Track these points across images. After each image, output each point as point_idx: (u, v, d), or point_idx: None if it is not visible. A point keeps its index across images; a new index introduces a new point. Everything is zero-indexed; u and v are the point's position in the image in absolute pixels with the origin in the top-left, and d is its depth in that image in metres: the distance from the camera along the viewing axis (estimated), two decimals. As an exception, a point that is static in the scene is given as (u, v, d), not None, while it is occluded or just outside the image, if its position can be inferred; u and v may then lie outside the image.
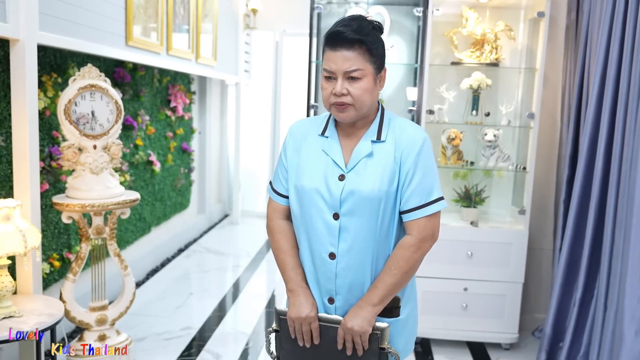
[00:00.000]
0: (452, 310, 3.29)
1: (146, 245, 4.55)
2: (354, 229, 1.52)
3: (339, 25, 1.48)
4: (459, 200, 3.44)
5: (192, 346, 3.29)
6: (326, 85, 1.50)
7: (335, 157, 1.54)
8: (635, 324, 2.37)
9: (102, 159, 2.73)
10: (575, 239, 2.89)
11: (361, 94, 1.47)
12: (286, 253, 1.61)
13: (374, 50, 1.49)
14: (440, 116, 3.35)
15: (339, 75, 1.46)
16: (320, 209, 1.53)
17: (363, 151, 1.53)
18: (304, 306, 1.52)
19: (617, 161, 2.56)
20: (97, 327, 2.80)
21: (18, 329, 2.15)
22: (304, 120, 1.67)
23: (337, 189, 1.52)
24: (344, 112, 1.49)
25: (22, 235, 2.19)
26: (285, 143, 1.65)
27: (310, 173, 1.56)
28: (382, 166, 1.52)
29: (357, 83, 1.46)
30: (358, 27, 1.46)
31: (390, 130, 1.55)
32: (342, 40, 1.45)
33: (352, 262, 1.54)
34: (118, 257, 2.86)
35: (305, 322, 1.51)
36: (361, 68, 1.46)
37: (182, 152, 5.21)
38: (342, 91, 1.46)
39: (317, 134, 1.60)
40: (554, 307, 2.95)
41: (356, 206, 1.51)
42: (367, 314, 1.51)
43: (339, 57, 1.45)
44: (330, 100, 1.50)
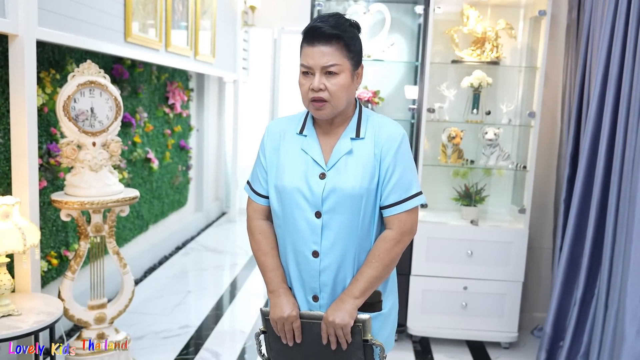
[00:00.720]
0: (452, 309, 3.29)
1: (144, 243, 4.53)
2: (336, 226, 1.54)
3: (317, 21, 1.48)
4: (459, 199, 3.43)
5: (190, 345, 3.28)
6: (304, 81, 1.51)
7: (315, 156, 1.54)
8: (636, 323, 2.37)
9: (101, 156, 2.71)
10: (576, 238, 2.89)
11: (338, 90, 1.47)
12: (267, 254, 1.61)
13: (352, 47, 1.49)
14: (441, 114, 3.34)
15: (317, 70, 1.47)
16: (302, 208, 1.54)
17: (343, 149, 1.54)
18: (285, 306, 1.54)
19: (619, 160, 2.56)
20: (96, 326, 2.78)
21: (17, 328, 2.13)
22: (281, 119, 1.66)
23: (319, 187, 1.52)
24: (322, 110, 1.50)
25: (22, 233, 2.17)
26: (262, 142, 1.64)
27: (290, 173, 1.56)
28: (363, 163, 1.53)
29: (334, 78, 1.47)
30: (336, 23, 1.46)
31: (369, 126, 1.56)
32: (319, 36, 1.45)
33: (335, 259, 1.56)
34: (117, 255, 2.84)
35: (287, 321, 1.53)
36: (338, 63, 1.46)
37: (180, 150, 5.19)
38: (320, 86, 1.46)
39: (295, 133, 1.59)
40: (554, 306, 2.95)
41: (338, 204, 1.52)
42: (348, 306, 1.52)
43: (317, 52, 1.46)
44: (309, 96, 1.50)
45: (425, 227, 3.24)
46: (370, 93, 3.37)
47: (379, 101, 3.40)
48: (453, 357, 3.24)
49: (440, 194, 3.55)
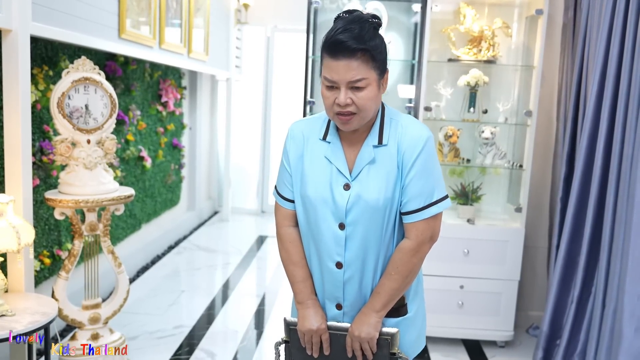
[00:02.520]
0: (448, 308, 3.28)
1: (137, 242, 4.48)
2: (359, 237, 1.50)
3: (339, 32, 1.38)
4: (456, 198, 3.43)
5: (185, 345, 3.25)
6: (328, 94, 1.42)
7: (339, 166, 1.49)
8: (635, 321, 2.37)
9: (96, 154, 2.67)
10: (574, 237, 2.89)
11: (366, 103, 1.40)
12: (296, 264, 1.58)
13: (377, 56, 1.40)
14: (438, 113, 3.33)
15: (342, 85, 1.39)
16: (326, 219, 1.50)
17: (365, 158, 1.48)
18: (314, 319, 1.52)
19: (616, 158, 2.56)
20: (90, 326, 2.74)
21: (11, 329, 2.09)
22: (303, 122, 1.59)
23: (343, 198, 1.48)
24: (349, 123, 1.43)
25: (16, 232, 2.13)
26: (286, 147, 1.58)
27: (315, 182, 1.51)
28: (386, 172, 1.47)
29: (361, 92, 1.39)
30: (359, 33, 1.37)
31: (392, 131, 1.49)
32: (344, 50, 1.36)
33: (359, 269, 1.53)
34: (112, 254, 2.81)
35: (316, 334, 1.52)
36: (365, 77, 1.38)
37: (172, 148, 5.14)
38: (347, 101, 1.39)
39: (319, 138, 1.53)
40: (551, 304, 2.96)
41: (361, 215, 1.48)
42: (372, 320, 1.51)
43: (342, 66, 1.37)
44: (334, 110, 1.42)
45: (422, 226, 3.23)
46: (366, 91, 3.36)
47: (376, 100, 3.39)
48: (449, 356, 3.24)
49: (436, 192, 3.53)
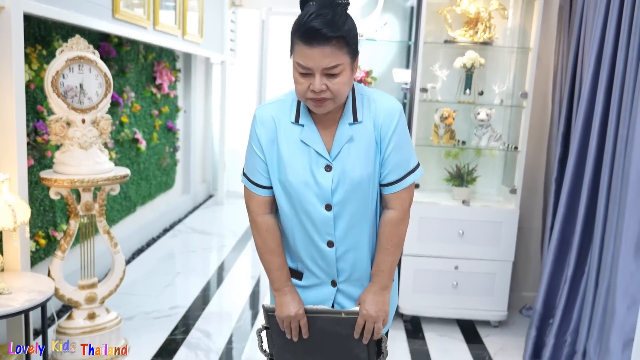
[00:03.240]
0: (443, 289, 3.31)
1: (132, 225, 4.48)
2: (347, 215, 1.51)
3: (312, 18, 1.34)
4: (451, 180, 3.44)
5: (181, 325, 3.26)
6: (302, 80, 1.40)
7: (317, 148, 1.47)
8: (627, 299, 2.40)
9: (91, 134, 2.66)
10: (568, 217, 2.92)
11: (340, 88, 1.39)
12: (273, 253, 1.57)
13: (351, 41, 1.38)
14: (433, 95, 3.33)
15: (316, 71, 1.37)
16: (311, 202, 1.49)
17: (344, 137, 1.47)
18: (292, 305, 1.53)
19: (611, 139, 2.58)
20: (87, 306, 2.75)
21: (8, 306, 2.09)
22: (269, 105, 1.54)
23: (326, 180, 1.47)
24: (323, 106, 1.42)
25: (12, 210, 2.12)
26: (255, 132, 1.52)
27: (294, 167, 1.48)
28: (365, 148, 1.48)
29: (336, 78, 1.38)
30: (332, 18, 1.34)
31: (365, 107, 1.49)
32: (319, 37, 1.33)
33: (351, 245, 1.54)
34: (108, 234, 2.80)
35: (294, 319, 1.53)
36: (340, 63, 1.36)
37: (167, 131, 5.12)
38: (322, 87, 1.37)
39: (290, 121, 1.49)
40: (545, 284, 2.99)
41: (347, 194, 1.48)
42: (385, 298, 1.54)
43: (316, 54, 1.34)
44: (307, 95, 1.40)
45: (417, 207, 3.23)
46: (362, 73, 3.35)
47: (372, 81, 3.38)
48: (444, 335, 3.27)
49: (431, 174, 3.55)
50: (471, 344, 3.19)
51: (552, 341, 2.90)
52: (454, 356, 3.04)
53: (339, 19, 1.35)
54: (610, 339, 2.47)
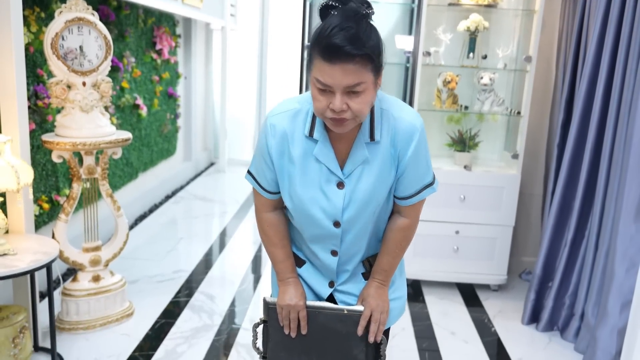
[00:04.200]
0: (444, 253, 3.34)
1: (134, 191, 4.50)
2: (355, 229, 1.48)
3: (333, 33, 1.22)
4: (453, 145, 3.44)
5: (184, 288, 3.30)
6: (321, 98, 1.28)
7: (330, 165, 1.40)
8: (626, 261, 2.43)
9: (91, 97, 2.64)
10: (569, 181, 2.92)
11: (362, 108, 1.28)
12: (276, 246, 1.54)
13: (375, 56, 1.26)
14: (436, 59, 3.30)
15: (337, 90, 1.25)
16: (320, 219, 1.44)
17: (359, 157, 1.39)
18: (294, 294, 1.50)
19: (615, 103, 2.56)
20: (91, 268, 2.78)
21: (14, 266, 2.12)
22: (284, 116, 1.42)
23: (338, 197, 1.42)
24: (342, 126, 1.31)
25: (15, 172, 2.13)
26: (266, 140, 1.43)
27: (305, 183, 1.42)
28: (380, 168, 1.41)
29: (358, 97, 1.26)
30: (356, 34, 1.22)
31: (384, 123, 1.39)
32: (341, 55, 1.21)
33: (355, 253, 1.53)
34: (110, 197, 2.82)
35: (294, 309, 1.49)
36: (363, 81, 1.25)
37: (168, 97, 5.09)
38: (342, 107, 1.26)
39: (304, 134, 1.40)
40: (545, 247, 3.01)
41: (358, 212, 1.44)
42: (385, 293, 1.53)
43: (338, 71, 1.23)
44: (327, 114, 1.30)
45: (418, 172, 3.25)
46: (365, 36, 3.31)
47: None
48: (444, 298, 3.32)
49: (433, 139, 3.54)
50: (471, 307, 3.24)
51: (551, 304, 2.94)
52: (453, 318, 3.08)
53: (363, 33, 1.22)
54: (609, 301, 2.50)
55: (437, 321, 3.04)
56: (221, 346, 2.69)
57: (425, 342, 2.83)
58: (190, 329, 2.84)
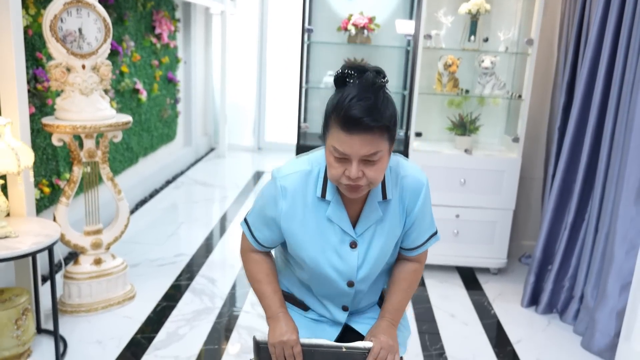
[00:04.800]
0: (444, 237, 3.35)
1: (134, 176, 4.50)
2: (367, 285, 1.49)
3: (352, 104, 1.23)
4: (453, 129, 3.43)
5: (185, 272, 3.32)
6: (337, 165, 1.29)
7: (343, 226, 1.41)
8: (626, 244, 2.44)
9: (91, 80, 2.63)
10: (570, 165, 2.92)
11: (378, 175, 1.30)
12: (260, 282, 1.51)
13: (392, 125, 1.28)
14: (437, 42, 3.28)
15: (354, 159, 1.27)
16: (334, 279, 1.44)
17: (372, 216, 1.41)
18: (285, 329, 1.41)
19: (617, 85, 2.55)
20: (93, 251, 2.79)
21: (15, 248, 2.12)
22: (294, 177, 1.41)
23: (352, 257, 1.42)
24: (357, 192, 1.33)
25: (15, 154, 2.13)
26: (275, 202, 1.42)
27: (317, 244, 1.42)
28: (392, 226, 1.43)
29: (374, 165, 1.28)
30: (375, 105, 1.23)
31: (393, 181, 1.42)
32: (360, 126, 1.23)
33: (364, 304, 1.56)
34: (111, 181, 2.82)
35: (287, 345, 1.39)
36: (380, 150, 1.27)
37: (167, 82, 5.07)
38: (358, 174, 1.28)
39: (316, 196, 1.40)
40: (545, 231, 3.02)
41: (372, 271, 1.45)
42: (394, 332, 1.47)
43: (356, 141, 1.24)
44: (342, 181, 1.31)
45: (419, 156, 3.25)
46: (366, 19, 3.29)
47: (375, 28, 3.33)
48: (444, 282, 3.33)
49: (434, 123, 3.54)
50: (471, 290, 3.25)
51: (550, 287, 2.95)
52: (453, 301, 3.10)
53: (381, 104, 1.24)
54: (608, 283, 2.51)
55: (437, 304, 3.06)
56: (222, 328, 2.71)
57: (425, 324, 2.85)
58: (192, 311, 2.85)
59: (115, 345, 2.51)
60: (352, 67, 1.28)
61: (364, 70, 1.28)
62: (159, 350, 2.50)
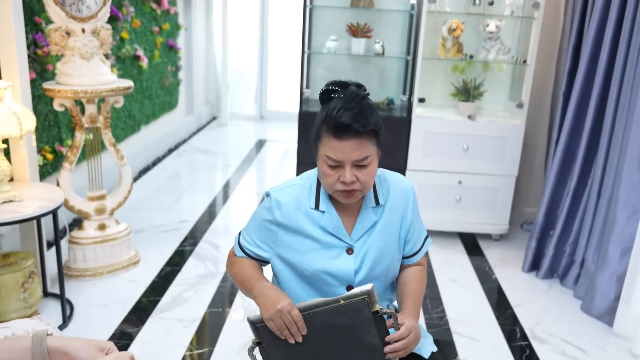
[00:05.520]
0: (446, 203, 3.35)
1: (137, 144, 4.50)
2: None
3: (340, 114, 1.32)
4: (457, 94, 3.40)
5: (189, 237, 3.34)
6: (331, 173, 1.37)
7: (339, 234, 1.45)
8: (628, 208, 2.44)
9: (91, 44, 2.61)
10: (574, 130, 2.90)
11: (370, 179, 1.38)
12: (245, 274, 1.48)
13: (378, 130, 1.37)
14: (442, 5, 3.23)
15: (347, 164, 1.35)
16: (331, 285, 1.46)
17: (367, 222, 1.46)
18: (275, 298, 1.34)
19: (624, 48, 2.52)
20: (97, 217, 2.80)
21: (20, 212, 2.14)
22: (288, 190, 1.47)
23: (349, 264, 1.45)
24: (352, 198, 1.40)
25: (17, 118, 2.12)
26: (272, 215, 1.45)
27: (314, 256, 1.45)
28: (388, 231, 1.48)
29: (365, 169, 1.37)
30: (361, 112, 1.33)
31: (384, 189, 1.50)
32: (350, 132, 1.32)
33: None
34: (114, 147, 2.81)
35: (283, 313, 1.31)
36: (370, 154, 1.36)
37: (168, 49, 5.02)
38: (352, 179, 1.35)
39: (310, 207, 1.46)
40: (547, 196, 3.02)
41: (369, 275, 1.46)
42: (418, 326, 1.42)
43: (348, 147, 1.33)
44: (337, 188, 1.38)
45: (422, 122, 3.23)
46: (369, -18, 3.23)
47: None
48: (445, 248, 3.35)
49: (437, 89, 3.51)
50: (472, 256, 3.28)
51: (552, 252, 2.97)
52: (455, 267, 3.13)
53: (367, 111, 1.34)
54: (609, 248, 2.53)
55: (439, 269, 3.09)
56: (226, 292, 2.75)
57: (427, 289, 2.83)
58: (196, 276, 2.88)
59: (121, 308, 2.55)
60: (336, 84, 1.40)
61: (347, 84, 1.40)
62: (163, 313, 2.54)
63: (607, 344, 2.46)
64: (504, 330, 2.55)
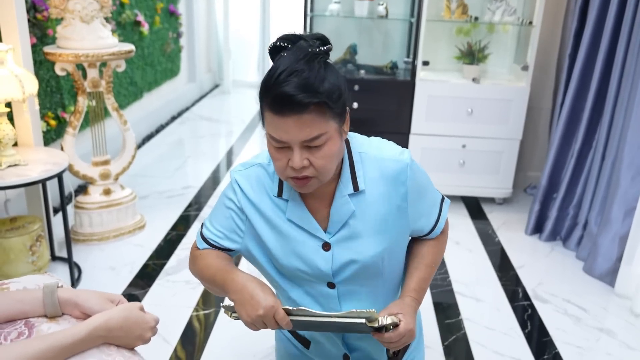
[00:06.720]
0: (450, 167, 3.35)
1: (139, 111, 4.49)
2: (357, 290, 1.24)
3: (281, 80, 1.01)
4: (461, 57, 3.37)
5: (194, 203, 3.37)
6: (279, 156, 1.08)
7: (308, 227, 1.18)
8: (633, 169, 2.44)
9: (91, 7, 2.58)
10: (579, 92, 2.88)
11: (326, 163, 1.08)
12: (211, 267, 1.22)
13: (333, 102, 1.05)
14: (447, -34, 3.16)
15: (294, 145, 1.05)
16: (309, 282, 1.23)
17: (344, 212, 1.17)
18: (256, 300, 1.10)
19: (631, 8, 2.48)
20: (101, 182, 2.82)
21: (25, 176, 2.15)
22: (249, 172, 1.21)
23: (325, 261, 1.19)
24: (306, 186, 1.11)
25: (19, 81, 2.11)
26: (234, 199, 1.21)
27: (283, 250, 1.20)
28: (375, 221, 1.18)
29: (319, 151, 1.07)
30: (307, 78, 1.01)
31: (367, 169, 1.18)
32: (292, 105, 1.01)
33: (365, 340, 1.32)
34: (117, 111, 2.81)
35: (267, 318, 1.10)
36: (323, 132, 1.05)
37: (169, 15, 4.96)
38: (303, 164, 1.06)
39: (273, 195, 1.19)
40: (551, 159, 3.01)
41: (356, 274, 1.21)
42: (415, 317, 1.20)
43: (291, 124, 1.03)
44: (287, 174, 1.09)
45: (425, 85, 3.21)
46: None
47: None
48: (449, 211, 3.35)
49: (442, 52, 3.47)
50: (475, 219, 3.29)
51: (555, 214, 2.98)
52: (458, 230, 3.15)
53: (316, 77, 1.02)
54: (612, 209, 2.53)
55: (442, 232, 3.11)
56: (231, 256, 2.77)
57: (430, 251, 2.90)
58: (201, 240, 2.91)
59: (128, 271, 2.59)
60: (284, 38, 1.08)
61: (298, 38, 1.08)
62: (170, 275, 2.57)
63: (609, 304, 2.49)
64: (506, 290, 2.58)
